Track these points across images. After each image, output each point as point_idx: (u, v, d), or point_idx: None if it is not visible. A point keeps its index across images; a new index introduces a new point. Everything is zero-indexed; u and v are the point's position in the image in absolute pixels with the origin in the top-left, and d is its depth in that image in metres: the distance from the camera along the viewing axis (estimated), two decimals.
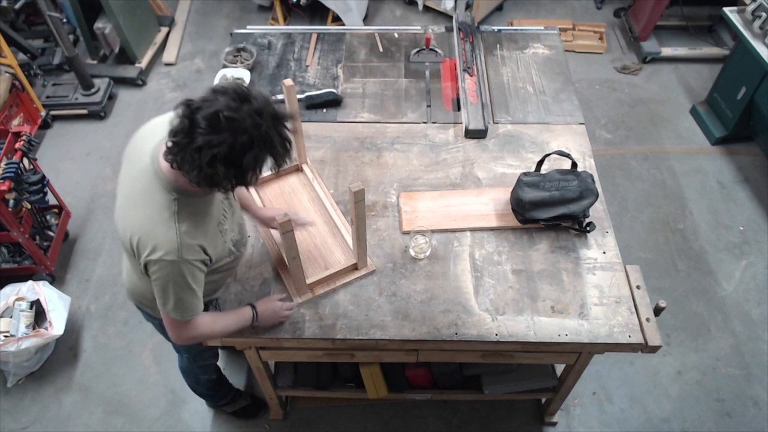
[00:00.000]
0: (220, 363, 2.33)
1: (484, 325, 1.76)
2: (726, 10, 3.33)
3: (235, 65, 2.54)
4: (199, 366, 2.12)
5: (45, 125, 3.73)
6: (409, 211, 2.04)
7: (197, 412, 2.56)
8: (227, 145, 1.22)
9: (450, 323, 1.76)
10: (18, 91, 3.46)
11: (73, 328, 2.80)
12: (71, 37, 3.96)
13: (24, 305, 2.58)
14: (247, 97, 1.26)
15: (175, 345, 2.01)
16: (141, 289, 1.69)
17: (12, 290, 2.64)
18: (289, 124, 1.32)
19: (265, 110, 1.26)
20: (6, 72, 3.44)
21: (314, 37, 2.75)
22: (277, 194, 2.11)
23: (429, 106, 2.44)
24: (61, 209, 3.09)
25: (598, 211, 2.04)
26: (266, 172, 2.10)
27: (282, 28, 2.90)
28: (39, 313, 2.61)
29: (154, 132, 1.46)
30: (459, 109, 2.40)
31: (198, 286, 1.48)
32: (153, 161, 1.40)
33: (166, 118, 1.42)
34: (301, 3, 4.17)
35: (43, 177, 2.77)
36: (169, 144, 1.29)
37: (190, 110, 1.24)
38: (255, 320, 1.71)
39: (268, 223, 1.92)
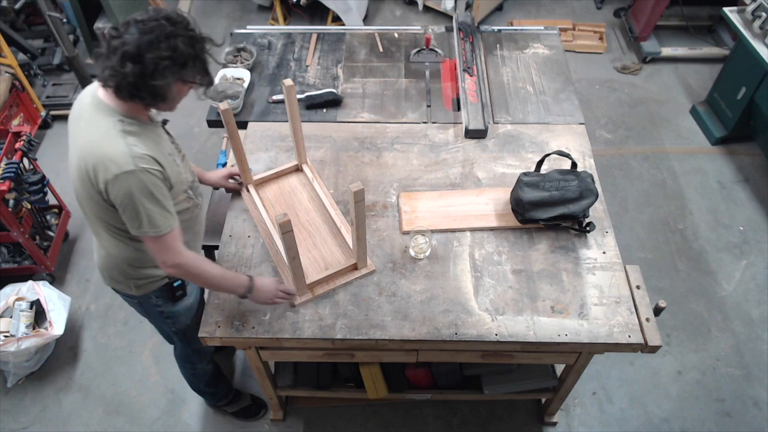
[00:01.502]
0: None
1: (484, 325, 1.76)
2: (726, 10, 3.33)
3: (235, 65, 2.54)
4: (194, 350, 2.11)
5: (45, 125, 3.73)
6: (409, 211, 2.04)
7: (197, 412, 2.56)
8: (134, 43, 1.37)
9: (450, 323, 1.76)
10: (18, 91, 3.46)
11: (73, 328, 2.80)
12: (71, 37, 3.96)
13: (24, 305, 2.58)
14: (162, 10, 1.44)
15: (168, 334, 2.03)
16: (113, 260, 1.70)
17: (12, 290, 2.64)
18: (208, 46, 1.48)
19: (180, 22, 1.43)
20: (6, 72, 3.45)
21: (314, 37, 2.75)
22: (277, 194, 2.11)
23: (429, 106, 2.44)
24: (61, 209, 3.09)
25: (598, 211, 2.04)
26: (265, 171, 2.13)
27: (282, 28, 2.90)
28: (39, 313, 2.61)
29: (89, 89, 1.57)
30: (459, 109, 2.40)
31: (164, 198, 1.52)
32: (92, 96, 1.51)
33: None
34: (301, 3, 4.17)
35: (43, 177, 2.77)
36: (95, 55, 1.44)
37: (115, 30, 1.43)
38: (248, 291, 1.71)
39: (221, 183, 2.07)
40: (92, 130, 1.49)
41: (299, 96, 2.39)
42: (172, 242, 1.57)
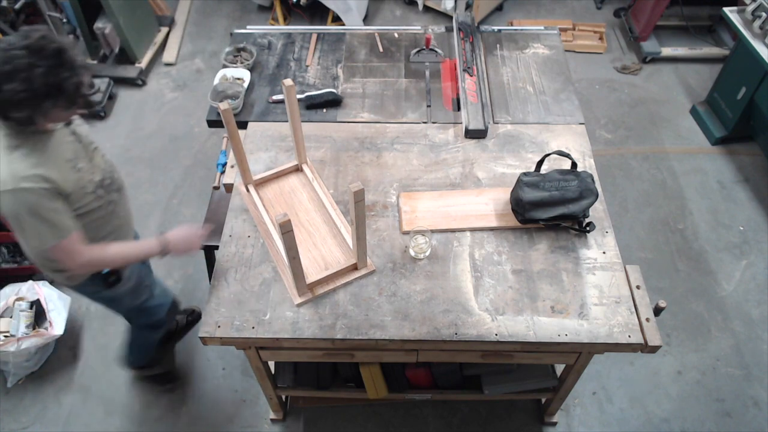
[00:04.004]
0: None
1: (484, 325, 1.76)
2: (726, 10, 3.34)
3: (235, 65, 2.54)
4: (148, 324, 2.20)
5: None
6: (409, 211, 2.04)
7: (197, 412, 2.57)
8: None
9: (450, 323, 1.77)
10: None
11: (73, 328, 2.80)
12: (71, 37, 3.96)
13: (24, 305, 2.58)
14: (27, 36, 1.41)
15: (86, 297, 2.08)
16: (32, 256, 1.73)
17: (12, 290, 2.64)
18: (81, 73, 1.46)
19: (42, 50, 1.39)
20: None
21: (314, 37, 2.75)
22: (277, 194, 2.11)
23: (429, 106, 2.44)
24: None
25: (598, 211, 2.04)
26: (265, 171, 2.13)
27: (282, 28, 2.90)
28: (39, 313, 2.61)
29: None
30: (459, 109, 2.40)
31: (52, 212, 1.53)
32: None
33: None
34: (301, 3, 4.17)
35: None
36: None
37: None
38: (164, 248, 1.77)
39: None
40: None
41: (299, 96, 2.40)
42: (70, 247, 1.60)
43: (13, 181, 1.46)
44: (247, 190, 2.09)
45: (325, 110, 2.41)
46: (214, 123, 2.40)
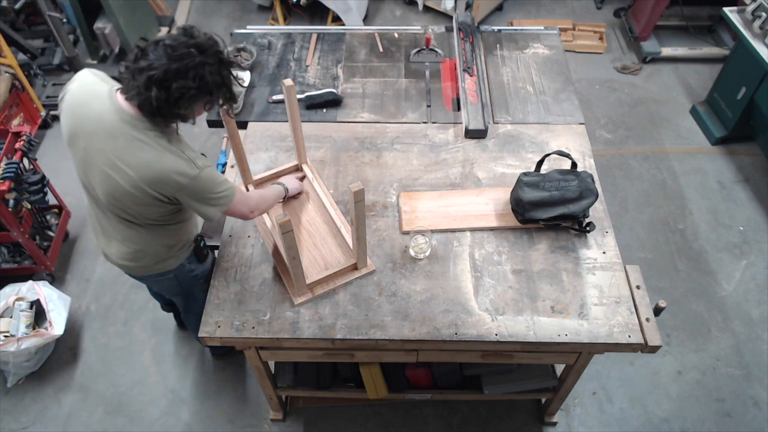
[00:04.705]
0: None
1: (484, 325, 1.76)
2: (726, 10, 3.33)
3: None
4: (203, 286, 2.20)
5: (45, 125, 3.73)
6: (409, 211, 2.04)
7: (197, 412, 2.56)
8: (161, 69, 1.39)
9: (450, 323, 1.77)
10: (18, 91, 3.46)
11: (73, 328, 2.80)
12: (71, 37, 3.96)
13: (24, 305, 2.58)
14: (193, 35, 1.45)
15: (175, 289, 2.11)
16: (151, 250, 1.79)
17: (12, 290, 2.63)
18: (235, 71, 1.54)
19: (209, 48, 1.44)
20: (6, 72, 3.44)
21: (314, 37, 2.75)
22: None
23: (429, 106, 2.44)
24: (61, 209, 3.09)
25: (598, 211, 2.04)
26: (265, 171, 2.13)
27: (282, 28, 2.90)
28: (39, 313, 2.61)
29: (100, 98, 1.57)
30: (459, 109, 2.40)
31: (222, 178, 1.64)
32: (118, 112, 1.51)
33: (90, 77, 1.63)
34: (301, 3, 4.17)
35: (43, 177, 2.77)
36: (121, 69, 1.50)
37: (144, 42, 1.46)
38: (287, 191, 2.00)
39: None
40: (142, 149, 1.52)
41: (299, 96, 2.39)
42: (240, 198, 1.71)
43: (194, 166, 1.54)
44: (247, 190, 2.09)
45: (325, 110, 2.41)
46: (214, 123, 2.40)
